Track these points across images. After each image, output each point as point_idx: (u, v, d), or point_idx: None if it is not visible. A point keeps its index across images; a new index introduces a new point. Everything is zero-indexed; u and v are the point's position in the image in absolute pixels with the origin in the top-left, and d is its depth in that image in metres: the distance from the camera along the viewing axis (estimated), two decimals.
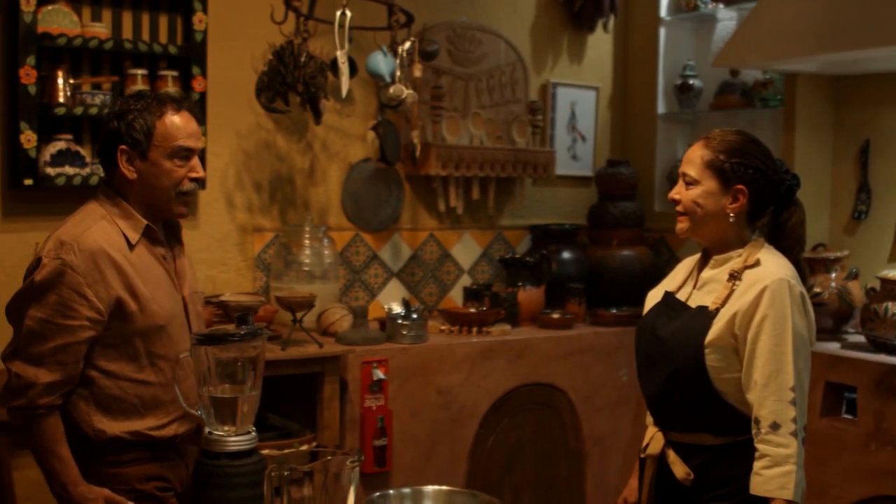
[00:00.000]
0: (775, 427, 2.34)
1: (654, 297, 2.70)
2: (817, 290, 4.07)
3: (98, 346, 2.51)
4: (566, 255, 4.86)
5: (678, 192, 2.55)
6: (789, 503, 2.32)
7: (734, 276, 2.46)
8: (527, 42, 4.98)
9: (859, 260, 4.38)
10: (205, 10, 3.92)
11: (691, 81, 5.05)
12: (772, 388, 2.35)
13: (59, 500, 2.48)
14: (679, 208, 2.55)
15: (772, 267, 2.44)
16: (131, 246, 2.54)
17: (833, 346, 3.96)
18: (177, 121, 2.57)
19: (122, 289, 2.49)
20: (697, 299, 2.54)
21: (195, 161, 2.61)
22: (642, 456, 2.60)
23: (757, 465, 2.36)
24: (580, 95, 5.20)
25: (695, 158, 2.52)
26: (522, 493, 4.32)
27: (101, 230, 2.52)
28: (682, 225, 2.56)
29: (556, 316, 4.57)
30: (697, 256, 2.67)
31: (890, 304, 3.82)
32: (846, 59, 3.98)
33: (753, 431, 2.38)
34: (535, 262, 4.66)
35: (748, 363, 2.39)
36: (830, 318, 4.08)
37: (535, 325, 4.56)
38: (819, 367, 3.81)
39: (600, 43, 5.27)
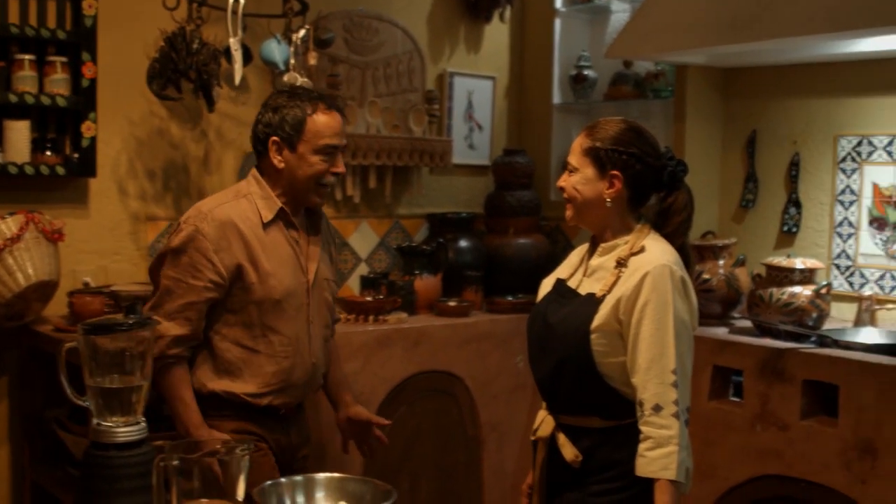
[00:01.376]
0: (658, 409, 2.39)
1: (546, 285, 2.75)
2: (706, 276, 4.17)
3: (220, 311, 2.83)
4: (463, 243, 4.89)
5: (563, 179, 2.62)
6: (673, 483, 2.38)
7: (620, 263, 2.52)
8: (424, 31, 5.00)
9: (746, 247, 4.51)
10: None
11: (586, 72, 5.12)
12: (654, 372, 2.40)
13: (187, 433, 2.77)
14: (564, 195, 2.61)
15: (655, 253, 2.50)
16: (264, 224, 2.82)
17: (721, 331, 4.07)
18: (326, 119, 2.84)
19: (244, 259, 2.78)
20: (587, 286, 2.59)
21: (338, 158, 2.88)
22: (533, 439, 2.65)
23: (641, 446, 2.42)
24: (477, 85, 5.23)
25: (576, 147, 2.59)
26: (420, 480, 4.35)
27: (238, 206, 2.83)
28: (568, 212, 2.62)
29: (452, 304, 4.60)
30: (588, 245, 2.72)
31: (775, 290, 3.94)
32: (734, 51, 4.08)
33: (637, 414, 2.44)
34: (431, 250, 4.69)
35: (632, 347, 2.44)
36: (718, 303, 4.19)
37: (432, 312, 4.59)
38: (707, 352, 3.92)
39: (497, 33, 5.31)
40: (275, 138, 2.83)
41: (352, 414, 3.21)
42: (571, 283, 2.66)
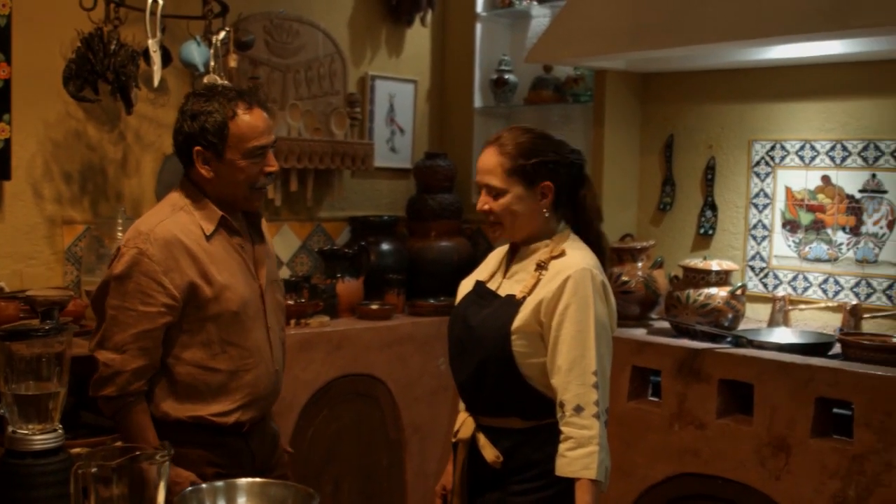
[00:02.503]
0: (579, 410, 2.43)
1: (466, 287, 2.78)
2: (625, 278, 4.23)
3: (174, 333, 2.67)
4: (385, 246, 4.89)
5: (487, 203, 2.60)
6: (593, 482, 2.42)
7: (541, 266, 2.55)
8: (345, 34, 4.99)
9: (664, 249, 4.58)
10: None
11: (506, 76, 5.16)
12: (575, 373, 2.44)
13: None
14: (492, 219, 2.61)
15: (576, 257, 2.54)
16: (207, 236, 2.67)
17: (639, 332, 4.13)
18: (249, 120, 2.66)
19: (196, 275, 2.62)
20: (507, 288, 2.62)
21: (269, 156, 2.71)
22: (453, 440, 2.67)
23: (562, 447, 2.45)
24: (399, 88, 5.24)
25: (494, 168, 2.57)
26: (343, 483, 4.34)
27: (178, 220, 2.65)
28: (497, 233, 2.63)
29: (374, 307, 4.61)
30: (507, 247, 2.74)
31: (691, 292, 4.01)
32: (652, 57, 4.16)
33: (558, 415, 2.47)
34: (353, 253, 4.68)
35: (553, 349, 2.48)
36: (637, 305, 4.25)
37: (354, 316, 4.58)
38: (626, 353, 3.97)
39: (418, 37, 5.32)
40: (198, 148, 2.67)
41: None
42: (491, 285, 2.69)
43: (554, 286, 2.49)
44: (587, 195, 2.67)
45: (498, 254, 2.78)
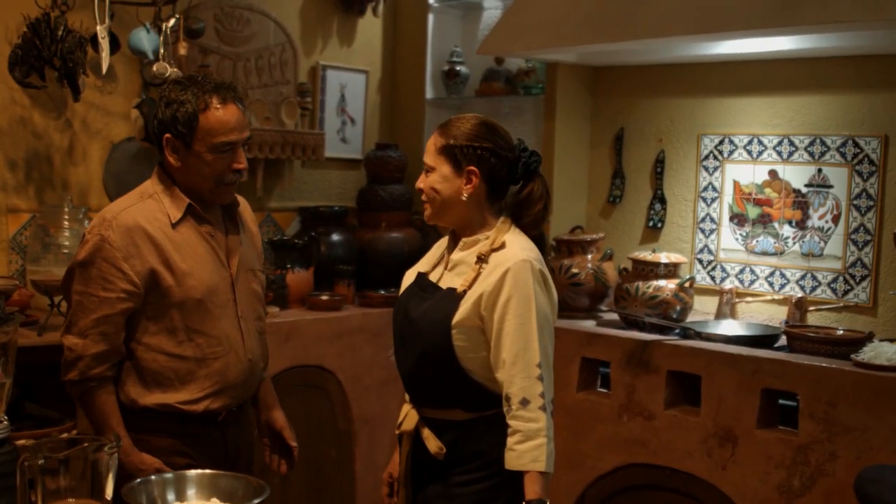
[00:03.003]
0: (525, 403, 2.44)
1: (409, 277, 2.77)
2: (574, 270, 4.26)
3: (139, 320, 2.67)
4: (335, 237, 4.87)
5: (421, 180, 2.62)
6: (542, 474, 2.43)
7: (481, 259, 2.55)
8: (296, 23, 4.95)
9: (614, 242, 4.62)
10: None
11: (458, 68, 5.16)
12: (519, 366, 2.44)
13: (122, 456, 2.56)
14: (423, 196, 2.63)
15: (515, 249, 2.53)
16: (173, 224, 2.66)
17: (589, 324, 4.16)
18: (220, 115, 2.63)
19: (157, 262, 2.62)
20: (448, 281, 2.62)
21: (239, 153, 2.69)
22: (397, 432, 2.67)
23: (510, 441, 2.45)
24: (350, 78, 5.21)
25: (430, 146, 2.60)
26: (291, 474, 4.31)
27: (143, 208, 2.66)
28: (426, 212, 2.64)
29: (324, 298, 4.59)
30: (447, 238, 2.74)
31: (640, 284, 4.04)
32: (603, 50, 4.18)
33: (505, 409, 2.47)
34: (303, 244, 4.65)
35: (496, 343, 2.48)
36: (587, 297, 4.28)
37: (304, 307, 4.56)
38: (575, 344, 4.00)
39: (370, 27, 5.30)
40: (168, 136, 2.65)
41: (269, 418, 3.03)
42: (432, 277, 2.69)
43: (494, 279, 2.48)
44: (532, 192, 2.62)
45: (440, 245, 2.78)
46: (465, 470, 2.57)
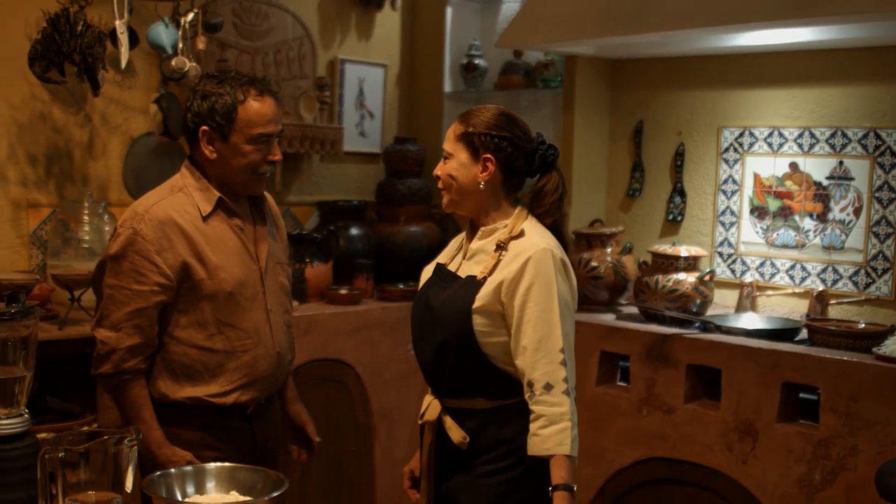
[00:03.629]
0: (549, 388, 2.46)
1: (428, 271, 2.80)
2: (594, 263, 4.24)
3: (170, 313, 2.70)
4: (354, 231, 4.88)
5: (439, 167, 2.66)
6: (567, 458, 2.44)
7: (500, 247, 2.58)
8: (314, 17, 4.95)
9: (633, 235, 4.60)
10: None
11: (476, 61, 5.15)
12: (542, 352, 2.47)
13: (145, 460, 2.63)
14: (440, 184, 2.66)
15: (535, 238, 2.56)
16: (204, 217, 2.69)
17: (608, 318, 4.14)
18: (258, 107, 2.68)
19: (189, 255, 2.65)
20: (467, 269, 2.64)
21: (274, 145, 2.74)
22: (420, 423, 2.67)
23: (534, 426, 2.47)
24: (368, 72, 5.21)
25: (450, 134, 2.64)
26: (311, 468, 4.33)
27: (174, 201, 2.69)
28: (444, 199, 2.67)
29: (343, 292, 4.59)
30: (466, 230, 2.76)
31: (660, 277, 4.03)
32: (622, 43, 4.16)
33: (527, 395, 2.49)
34: (322, 238, 4.66)
35: (517, 330, 2.50)
36: (606, 290, 4.27)
37: (323, 300, 4.57)
38: (594, 338, 3.99)
39: (388, 21, 5.30)
40: (205, 128, 2.69)
41: (290, 412, 3.08)
42: (451, 267, 2.71)
43: (515, 267, 2.51)
44: (547, 184, 2.65)
45: (458, 238, 2.80)
46: (489, 459, 2.58)
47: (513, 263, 2.52)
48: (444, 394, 2.64)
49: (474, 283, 2.56)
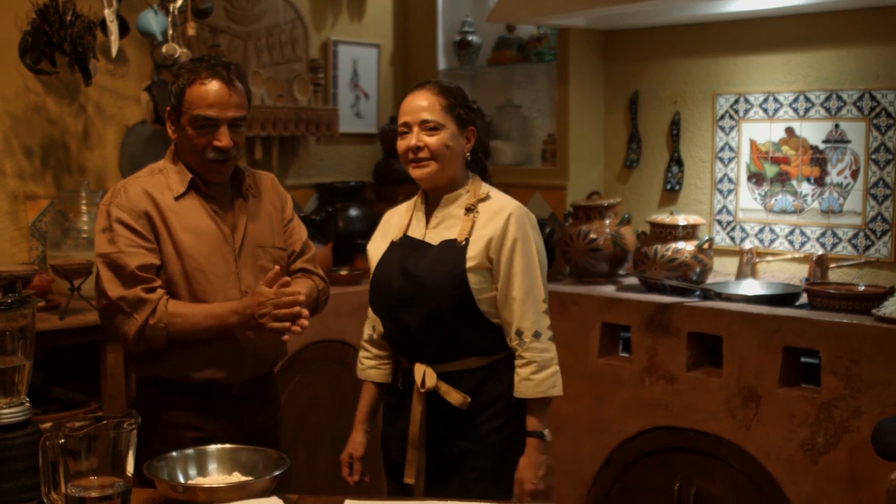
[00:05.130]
0: (537, 335, 2.64)
1: (376, 250, 2.86)
2: (593, 235, 4.25)
3: None
4: (353, 212, 4.88)
5: (419, 139, 2.67)
6: (547, 403, 2.68)
7: (470, 210, 2.70)
8: None
9: (631, 206, 4.60)
10: None
11: (470, 38, 5.13)
12: (530, 302, 2.64)
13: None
14: (423, 153, 2.68)
15: (504, 198, 2.74)
16: (176, 197, 2.70)
17: (608, 289, 4.15)
18: (201, 90, 2.66)
19: (162, 229, 2.66)
20: (436, 236, 2.72)
21: (220, 130, 2.67)
22: (422, 391, 2.69)
23: (525, 371, 2.64)
24: (362, 53, 5.20)
25: (433, 105, 2.69)
26: (317, 449, 4.35)
27: (151, 180, 2.72)
28: (427, 169, 2.69)
29: (344, 272, 4.60)
30: (404, 205, 2.88)
31: (659, 247, 4.03)
32: (613, 13, 4.15)
33: (515, 343, 2.65)
34: (321, 219, 4.66)
35: (505, 282, 2.64)
36: (605, 262, 4.27)
37: None
38: (595, 309, 4.00)
39: (380, 0, 5.28)
40: (168, 108, 2.75)
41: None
42: (415, 237, 2.77)
43: (499, 224, 2.64)
44: (479, 149, 2.85)
45: (397, 213, 2.89)
46: (491, 415, 2.69)
47: (493, 221, 2.65)
48: (436, 359, 2.70)
49: (456, 246, 2.66)
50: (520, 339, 2.64)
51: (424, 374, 2.69)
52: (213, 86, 2.67)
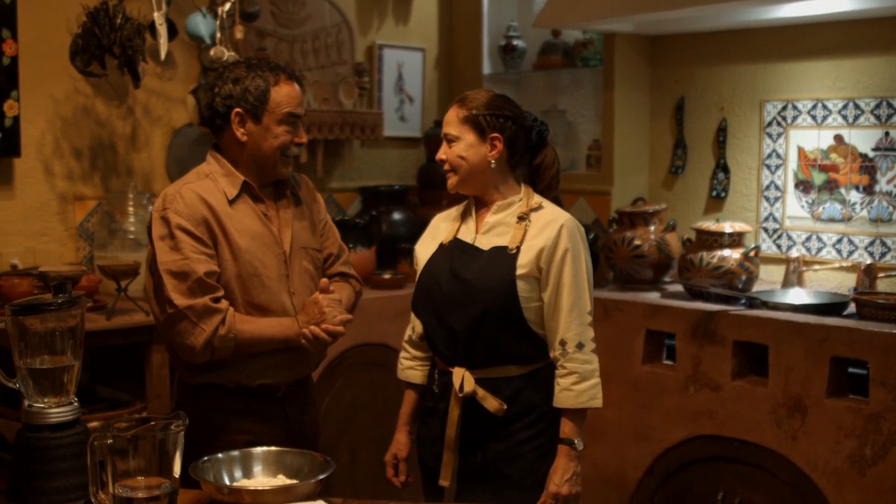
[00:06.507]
0: (580, 346, 2.66)
1: (425, 251, 2.88)
2: (637, 242, 4.22)
3: None
4: (396, 215, 4.89)
5: (443, 152, 2.77)
6: (582, 416, 2.69)
7: (523, 218, 2.72)
8: (351, 3, 4.96)
9: (676, 213, 4.57)
10: None
11: (515, 42, 5.13)
12: (575, 314, 2.66)
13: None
14: (446, 167, 2.76)
15: (557, 209, 2.76)
16: (230, 201, 2.73)
17: (653, 296, 4.12)
18: (288, 89, 2.77)
19: (219, 234, 2.69)
20: (487, 242, 2.74)
21: (300, 127, 2.82)
22: (461, 395, 2.70)
23: (565, 381, 2.66)
24: (407, 57, 5.21)
25: (452, 118, 2.76)
26: (360, 452, 4.36)
27: (202, 185, 2.74)
28: (451, 181, 2.77)
29: (387, 276, 4.61)
30: (455, 208, 2.90)
31: (704, 254, 4.00)
32: (660, 18, 4.12)
33: (559, 353, 2.66)
34: (365, 223, 4.67)
35: (554, 292, 2.66)
36: (650, 268, 4.24)
37: (367, 285, 4.56)
38: (640, 316, 3.98)
39: (425, 4, 5.29)
40: (238, 110, 2.74)
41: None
42: (466, 241, 2.79)
43: (551, 234, 2.67)
44: (545, 160, 2.84)
45: (446, 218, 2.91)
46: (526, 425, 2.70)
47: (546, 231, 2.68)
48: (476, 364, 2.70)
49: (506, 253, 2.68)
50: (563, 349, 2.66)
51: (463, 379, 2.69)
52: (296, 86, 2.80)
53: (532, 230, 2.69)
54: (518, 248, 2.67)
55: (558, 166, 2.86)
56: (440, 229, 2.89)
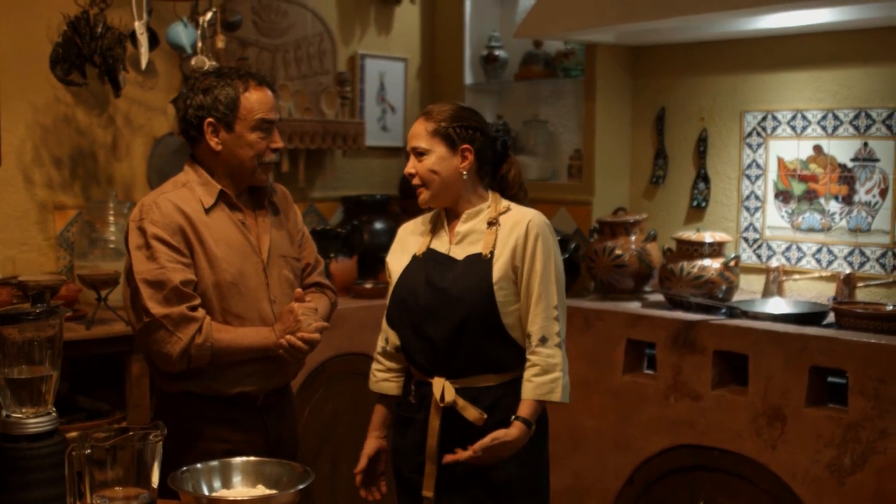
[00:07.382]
0: (543, 340, 2.67)
1: (397, 263, 2.87)
2: (618, 252, 4.23)
3: None
4: (378, 225, 4.89)
5: (412, 166, 2.76)
6: (540, 405, 2.69)
7: (492, 223, 2.73)
8: (333, 13, 4.96)
9: (657, 222, 4.58)
10: None
11: (497, 52, 5.14)
12: (541, 307, 2.67)
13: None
14: (416, 181, 2.76)
15: (524, 209, 2.78)
16: (206, 209, 2.73)
17: (633, 306, 4.13)
18: (259, 95, 2.76)
19: (195, 242, 2.69)
20: (461, 251, 2.75)
21: (275, 133, 2.81)
22: (442, 405, 2.70)
23: (528, 373, 2.67)
24: (389, 67, 5.22)
25: (420, 132, 2.75)
26: (340, 462, 4.35)
27: (179, 195, 2.73)
28: (423, 196, 2.76)
29: (368, 286, 4.60)
30: (421, 219, 2.89)
31: (685, 264, 4.01)
32: (641, 29, 4.14)
33: (525, 345, 2.68)
34: (346, 232, 4.67)
35: (527, 284, 2.68)
36: (631, 278, 4.25)
37: (349, 295, 4.58)
38: (620, 326, 3.98)
39: (407, 14, 5.30)
40: (210, 120, 2.73)
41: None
42: (440, 251, 2.79)
43: (520, 232, 2.68)
44: (511, 170, 2.86)
45: (414, 231, 2.89)
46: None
47: (515, 230, 2.70)
48: (455, 374, 2.70)
49: (482, 260, 2.69)
50: (528, 342, 2.68)
51: (444, 389, 2.69)
52: (267, 92, 2.79)
53: (502, 232, 2.71)
54: (492, 252, 2.68)
55: (522, 177, 2.89)
56: (409, 242, 2.88)
